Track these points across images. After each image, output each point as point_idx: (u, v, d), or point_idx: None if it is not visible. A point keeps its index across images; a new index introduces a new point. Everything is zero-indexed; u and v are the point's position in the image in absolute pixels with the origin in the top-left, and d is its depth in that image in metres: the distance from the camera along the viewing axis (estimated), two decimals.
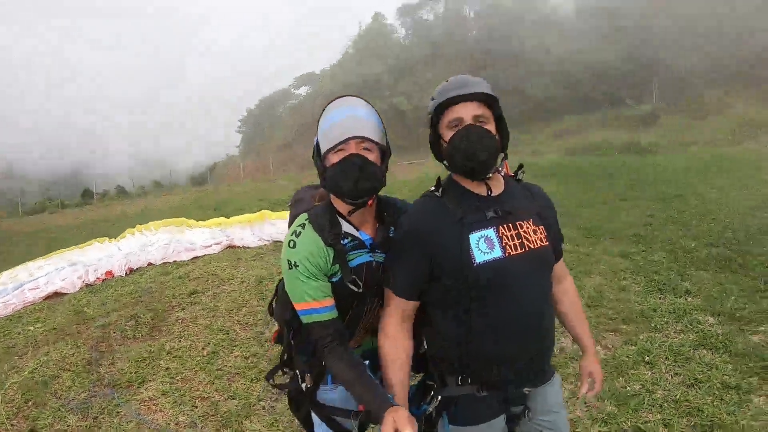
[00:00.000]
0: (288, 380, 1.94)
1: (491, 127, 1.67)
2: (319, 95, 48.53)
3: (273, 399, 3.68)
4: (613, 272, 5.83)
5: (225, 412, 3.56)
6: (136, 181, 41.55)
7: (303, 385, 1.81)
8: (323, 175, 1.70)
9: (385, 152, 1.73)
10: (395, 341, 1.70)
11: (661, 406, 3.24)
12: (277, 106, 65.55)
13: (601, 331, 4.35)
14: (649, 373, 3.65)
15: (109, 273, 6.80)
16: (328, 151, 1.65)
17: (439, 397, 1.70)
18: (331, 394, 1.81)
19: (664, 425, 3.06)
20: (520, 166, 1.89)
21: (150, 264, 7.27)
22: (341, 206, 1.72)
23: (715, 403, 3.21)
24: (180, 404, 3.69)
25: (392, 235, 1.78)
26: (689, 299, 4.91)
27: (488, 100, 1.66)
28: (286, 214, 9.54)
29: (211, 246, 7.84)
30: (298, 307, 1.67)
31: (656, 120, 28.07)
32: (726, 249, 6.29)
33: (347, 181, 1.61)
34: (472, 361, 1.67)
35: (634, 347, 4.05)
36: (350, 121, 1.65)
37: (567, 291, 1.96)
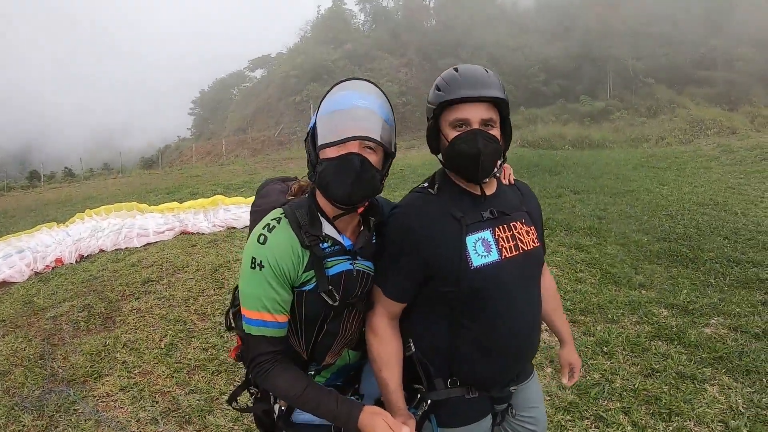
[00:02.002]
0: (253, 401, 1.74)
1: (497, 131, 1.58)
2: (274, 79, 47.90)
3: None
4: (569, 264, 5.95)
5: (187, 407, 3.43)
6: (85, 163, 39.90)
7: (276, 407, 1.64)
8: (314, 167, 1.48)
9: (389, 154, 1.53)
10: (387, 341, 1.62)
11: (620, 394, 3.34)
12: (230, 89, 64.48)
13: None
14: (608, 363, 3.75)
15: (59, 260, 6.53)
16: (326, 145, 1.44)
17: (429, 401, 1.63)
18: (307, 416, 1.61)
19: (624, 413, 3.15)
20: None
21: (101, 251, 7.02)
22: (326, 206, 1.52)
23: (671, 392, 3.34)
24: (139, 400, 3.55)
25: (375, 240, 1.65)
26: (643, 292, 5.07)
27: (499, 102, 1.58)
28: (241, 199, 9.30)
29: (164, 232, 7.62)
30: (248, 313, 1.46)
31: (608, 116, 28.91)
32: (677, 244, 6.53)
33: (341, 183, 1.41)
34: (462, 364, 1.63)
35: (592, 338, 4.15)
36: (358, 113, 1.43)
37: (547, 286, 1.95)
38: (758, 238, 6.61)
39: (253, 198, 1.84)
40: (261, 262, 1.44)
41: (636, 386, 3.41)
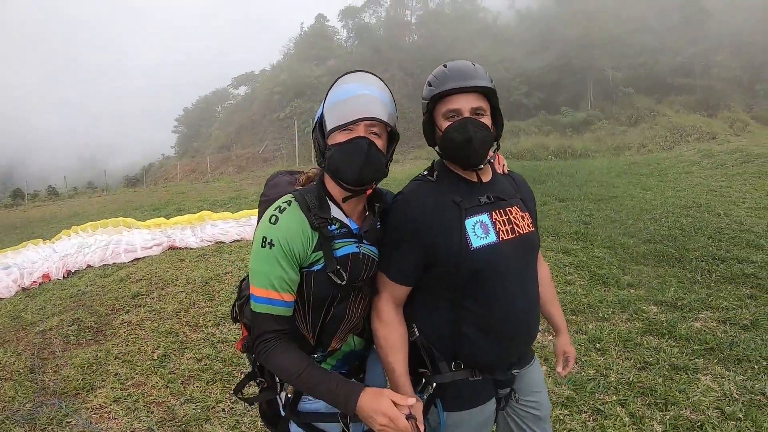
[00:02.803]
0: (259, 391, 1.75)
1: (487, 119, 1.65)
2: (258, 96, 47.95)
3: (232, 401, 3.54)
4: (558, 267, 6.01)
5: (183, 417, 3.39)
6: (69, 182, 39.46)
7: (282, 394, 1.65)
8: (323, 153, 1.54)
9: (392, 138, 1.61)
10: (392, 326, 1.64)
11: (616, 388, 3.37)
12: (214, 106, 64.41)
13: None
14: (602, 359, 3.79)
15: (46, 276, 6.49)
16: (335, 129, 1.50)
17: (434, 384, 1.65)
18: (314, 405, 1.63)
19: (621, 405, 3.18)
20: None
21: (89, 266, 6.98)
22: (335, 190, 1.58)
23: (666, 383, 3.38)
24: (134, 410, 3.50)
25: (379, 226, 1.69)
26: (632, 291, 5.14)
27: (487, 92, 1.65)
28: (228, 214, 9.29)
29: (151, 247, 7.64)
30: (255, 291, 1.48)
31: (590, 126, 29.32)
32: (663, 245, 6.64)
33: (351, 165, 1.47)
34: (465, 346, 1.65)
35: (585, 336, 4.20)
36: (364, 99, 1.50)
37: (543, 275, 1.99)
38: (742, 236, 6.74)
39: (240, 213, 1.87)
40: (271, 240, 1.46)
41: (631, 379, 3.45)
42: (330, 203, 1.58)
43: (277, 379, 1.66)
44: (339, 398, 1.42)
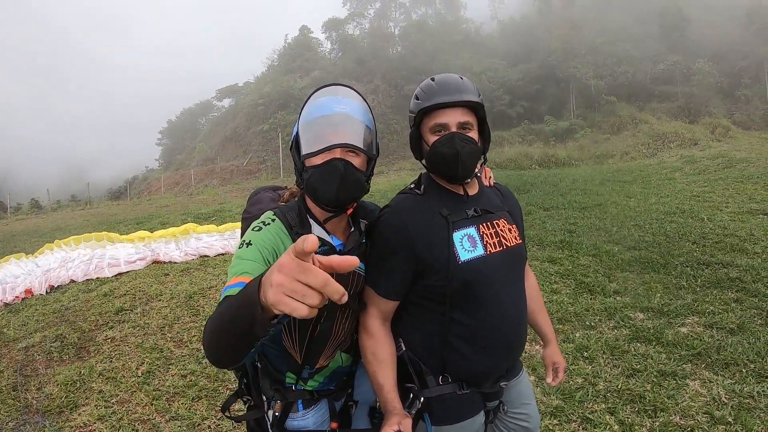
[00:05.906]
0: (246, 409, 1.71)
1: (474, 133, 1.65)
2: (242, 108, 47.79)
3: (218, 418, 3.49)
4: (544, 276, 6.02)
5: None
6: (52, 195, 38.82)
7: (270, 413, 1.61)
8: (300, 173, 1.52)
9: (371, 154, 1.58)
10: (381, 341, 1.63)
11: (604, 396, 3.38)
12: (198, 119, 64.14)
13: None
14: (589, 367, 3.79)
15: (29, 291, 6.38)
16: (309, 154, 1.47)
17: (422, 399, 1.63)
18: (302, 422, 1.63)
19: (610, 413, 3.18)
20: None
21: (72, 281, 6.87)
22: (315, 209, 1.56)
23: (655, 390, 3.39)
24: (118, 429, 3.43)
25: (365, 240, 1.67)
26: (618, 298, 5.16)
27: (475, 106, 1.65)
28: (213, 227, 9.15)
29: (135, 261, 7.54)
30: (229, 282, 1.32)
31: (573, 135, 29.62)
32: (647, 252, 6.69)
33: (327, 188, 1.45)
34: (453, 359, 1.64)
35: (572, 344, 4.19)
36: (339, 119, 1.47)
37: (531, 286, 1.99)
38: (726, 241, 6.82)
39: (225, 225, 1.83)
40: (250, 241, 1.43)
41: (619, 387, 3.45)
42: (311, 221, 1.55)
43: (264, 398, 1.63)
44: (247, 297, 1.01)
